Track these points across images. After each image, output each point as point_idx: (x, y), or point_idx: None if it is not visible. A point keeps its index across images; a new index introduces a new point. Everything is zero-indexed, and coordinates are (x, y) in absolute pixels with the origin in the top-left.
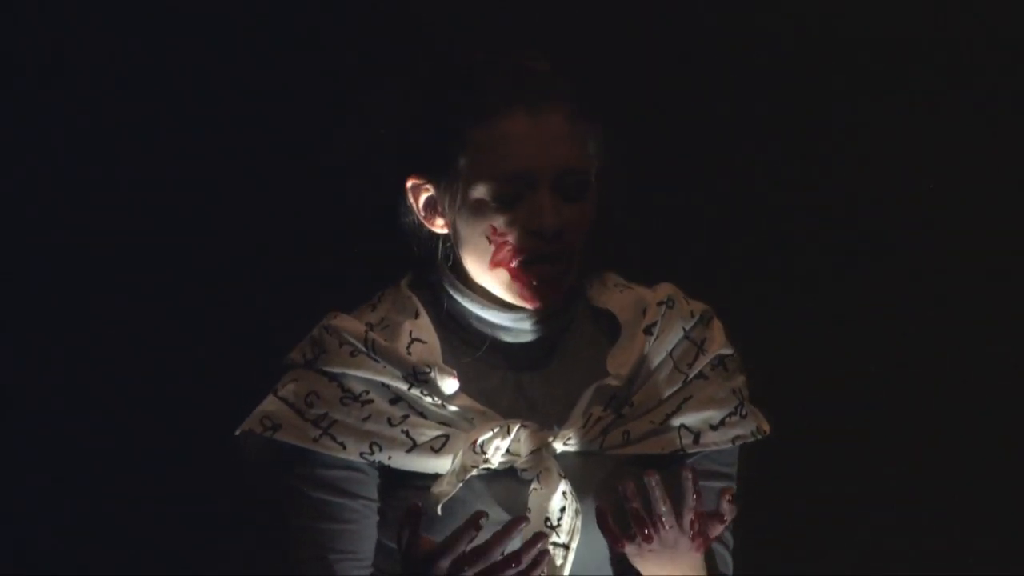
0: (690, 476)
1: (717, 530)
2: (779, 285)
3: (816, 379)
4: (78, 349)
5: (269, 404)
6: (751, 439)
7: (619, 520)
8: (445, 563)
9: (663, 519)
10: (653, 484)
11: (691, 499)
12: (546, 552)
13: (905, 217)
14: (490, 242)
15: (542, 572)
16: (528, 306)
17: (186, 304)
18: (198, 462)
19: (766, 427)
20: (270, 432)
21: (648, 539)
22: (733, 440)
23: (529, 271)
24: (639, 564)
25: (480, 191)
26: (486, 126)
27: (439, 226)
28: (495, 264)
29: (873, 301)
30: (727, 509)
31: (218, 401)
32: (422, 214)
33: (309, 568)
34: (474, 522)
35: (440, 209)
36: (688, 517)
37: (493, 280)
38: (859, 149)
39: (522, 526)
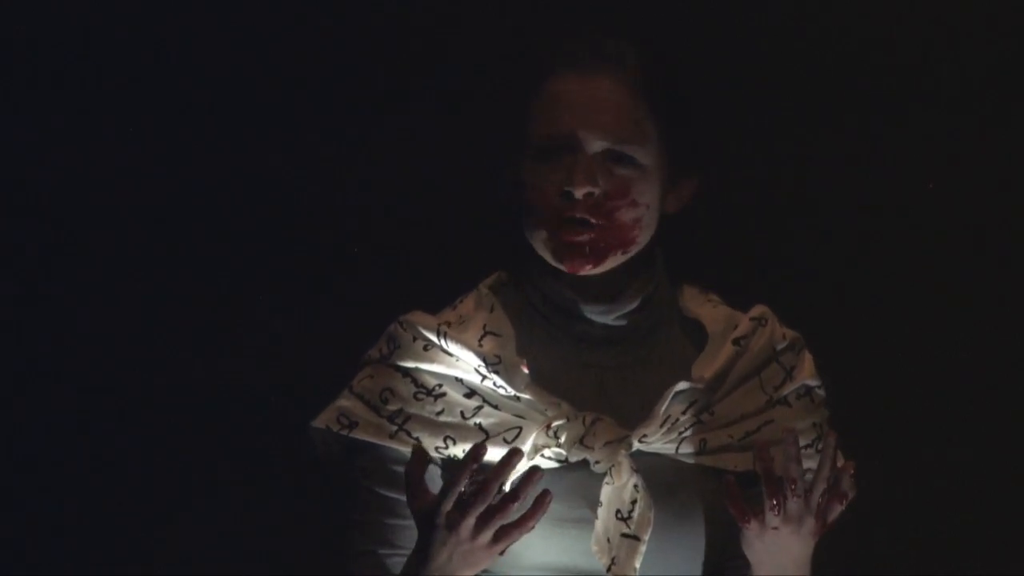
0: (832, 444)
1: (837, 511)
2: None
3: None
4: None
5: (345, 399)
6: None
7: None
8: (447, 507)
9: (795, 484)
10: (790, 441)
11: (828, 469)
12: (548, 493)
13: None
14: (531, 201)
15: (543, 513)
16: (562, 267)
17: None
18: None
19: (841, 464)
20: (347, 430)
21: (775, 508)
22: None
23: (562, 232)
24: (753, 549)
25: (530, 152)
26: (540, 89)
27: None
28: (535, 224)
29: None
30: (849, 486)
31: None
32: (509, 187)
33: (366, 560)
34: (471, 457)
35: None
36: (820, 488)
37: (538, 242)
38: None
39: (516, 460)
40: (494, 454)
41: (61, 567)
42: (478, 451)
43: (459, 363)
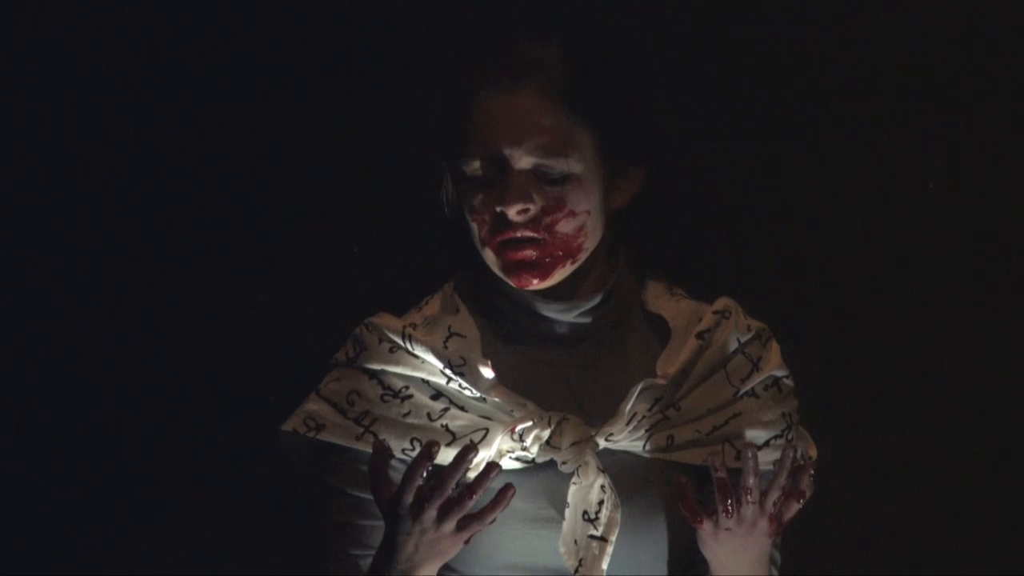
0: (790, 454)
1: (793, 510)
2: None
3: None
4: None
5: (312, 403)
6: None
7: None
8: (408, 499)
9: (749, 492)
10: (750, 455)
11: (784, 476)
12: (510, 487)
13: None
14: (471, 222)
15: (504, 507)
16: (513, 284)
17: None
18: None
19: (813, 453)
20: (314, 432)
21: (730, 513)
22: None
23: (506, 249)
24: (709, 548)
25: (463, 172)
26: (464, 108)
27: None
28: (482, 243)
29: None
30: (807, 485)
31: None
32: (453, 201)
33: (340, 562)
34: (426, 453)
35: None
36: (775, 495)
37: (487, 260)
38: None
39: (471, 455)
40: None
41: (49, 567)
42: (431, 447)
43: (425, 365)
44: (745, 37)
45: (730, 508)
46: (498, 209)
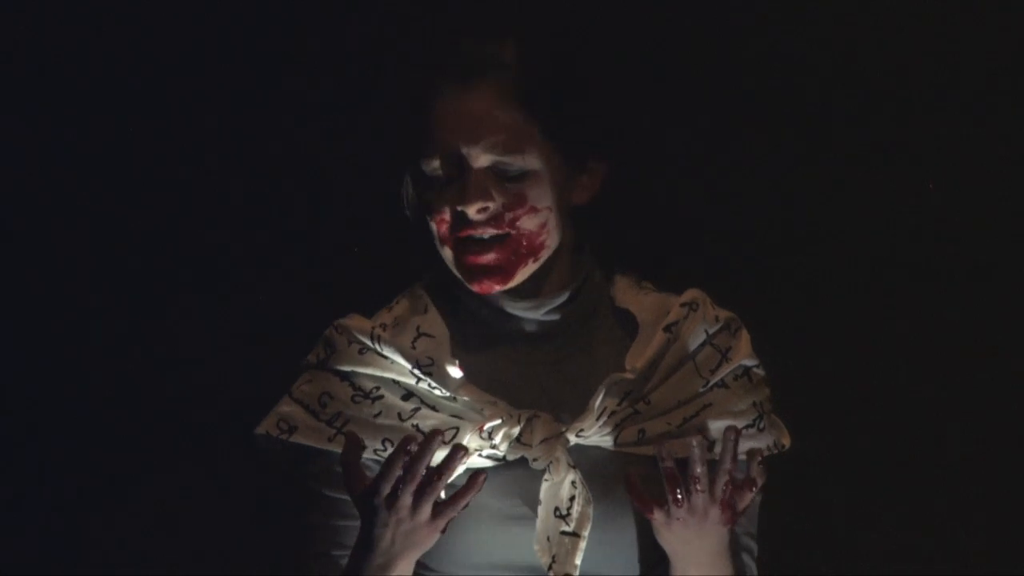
0: (733, 438)
1: (747, 499)
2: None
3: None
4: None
5: (284, 405)
6: (767, 453)
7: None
8: (385, 488)
9: (698, 481)
10: (695, 444)
11: (728, 461)
12: (481, 473)
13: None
14: (433, 221)
15: (477, 491)
16: (473, 288)
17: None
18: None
19: (786, 441)
20: (287, 435)
21: (679, 503)
22: (747, 453)
23: (466, 252)
24: (664, 538)
25: (422, 172)
26: (421, 107)
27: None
28: (441, 243)
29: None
30: (758, 472)
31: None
32: (413, 201)
33: (319, 564)
34: (404, 444)
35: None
36: (723, 480)
37: (446, 258)
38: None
39: (439, 438)
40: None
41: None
42: (409, 441)
43: (394, 366)
44: (704, 31)
45: (679, 497)
46: (458, 208)
